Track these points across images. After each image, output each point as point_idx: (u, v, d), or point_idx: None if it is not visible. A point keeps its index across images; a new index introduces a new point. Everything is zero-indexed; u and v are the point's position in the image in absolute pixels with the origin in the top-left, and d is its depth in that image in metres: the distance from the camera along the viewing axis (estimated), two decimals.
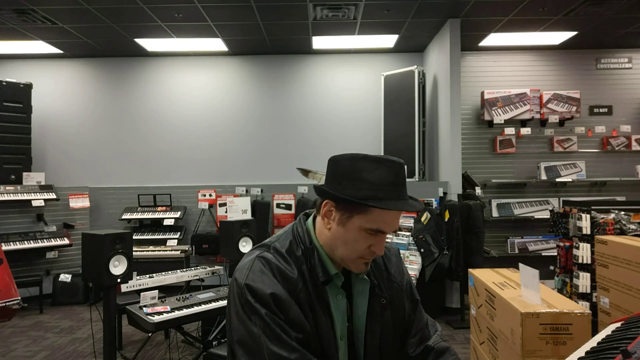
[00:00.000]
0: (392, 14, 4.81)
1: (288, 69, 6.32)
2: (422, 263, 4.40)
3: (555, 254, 4.01)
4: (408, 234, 4.62)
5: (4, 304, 3.01)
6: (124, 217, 5.58)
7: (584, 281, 3.48)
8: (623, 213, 3.46)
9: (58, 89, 6.25)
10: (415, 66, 5.46)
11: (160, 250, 5.24)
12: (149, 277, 3.38)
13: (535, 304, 1.87)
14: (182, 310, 2.85)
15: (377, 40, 5.74)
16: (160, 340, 4.10)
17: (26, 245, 5.00)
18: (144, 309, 2.78)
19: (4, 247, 4.63)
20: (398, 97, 5.59)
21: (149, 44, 5.74)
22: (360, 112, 6.28)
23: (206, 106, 6.31)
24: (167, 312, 2.78)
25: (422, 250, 4.44)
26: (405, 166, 1.15)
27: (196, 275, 3.66)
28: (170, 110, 6.31)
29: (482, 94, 5.82)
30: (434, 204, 4.78)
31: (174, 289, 4.04)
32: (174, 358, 3.67)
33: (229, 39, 5.64)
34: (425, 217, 4.57)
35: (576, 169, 5.83)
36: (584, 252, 3.49)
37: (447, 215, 4.54)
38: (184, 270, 3.72)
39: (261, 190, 5.67)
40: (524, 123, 5.90)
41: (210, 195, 5.81)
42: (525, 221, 5.92)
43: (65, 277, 5.23)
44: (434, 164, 5.68)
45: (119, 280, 2.85)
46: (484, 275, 2.41)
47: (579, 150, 5.94)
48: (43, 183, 5.43)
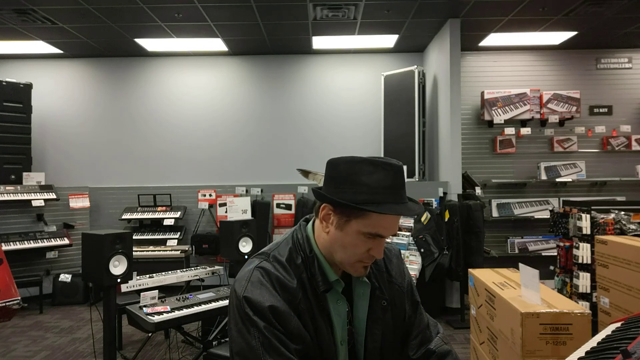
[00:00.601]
0: (392, 14, 4.81)
1: (288, 69, 6.32)
2: (422, 263, 4.40)
3: (555, 254, 4.01)
4: (408, 234, 4.62)
5: (4, 304, 3.01)
6: (124, 217, 5.58)
7: (584, 281, 3.49)
8: (623, 213, 3.46)
9: (58, 89, 6.25)
10: (415, 66, 5.46)
11: (160, 250, 5.24)
12: (149, 277, 3.38)
13: (535, 304, 1.87)
14: (182, 310, 2.85)
15: (377, 40, 5.74)
16: (160, 340, 4.10)
17: (26, 245, 5.00)
18: (144, 309, 2.78)
19: (4, 247, 4.64)
20: (398, 97, 5.59)
21: (149, 44, 5.74)
22: (360, 112, 6.28)
23: (206, 106, 6.31)
24: (167, 312, 2.78)
25: (422, 250, 4.44)
26: (404, 169, 1.14)
27: (196, 275, 3.66)
28: (170, 110, 6.31)
29: (482, 94, 5.82)
30: (434, 204, 4.78)
31: (174, 289, 4.04)
32: (174, 358, 3.67)
33: (229, 39, 5.64)
34: (425, 217, 4.57)
35: (576, 169, 5.83)
36: (584, 252, 3.49)
37: (447, 215, 4.54)
38: (184, 270, 3.72)
39: (261, 190, 5.67)
40: (524, 123, 5.90)
41: (210, 195, 5.81)
42: (525, 221, 5.92)
43: (65, 277, 5.23)
44: (434, 164, 5.68)
45: (119, 280, 2.85)
46: (484, 275, 2.41)
47: (579, 150, 5.94)
48: (43, 183, 5.43)
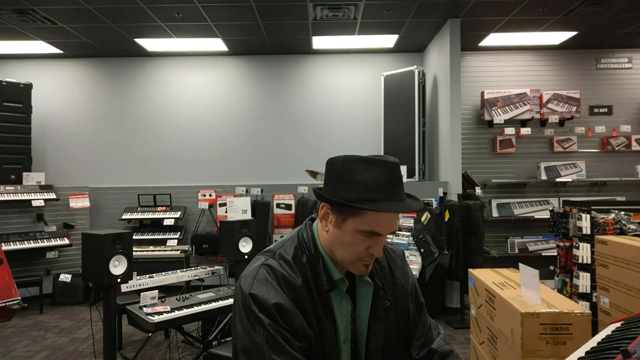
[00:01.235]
0: (392, 14, 4.81)
1: (288, 69, 6.32)
2: (422, 263, 4.41)
3: (555, 254, 4.01)
4: (408, 234, 4.63)
5: (4, 304, 3.01)
6: (124, 217, 5.58)
7: (584, 281, 3.49)
8: (623, 213, 3.46)
9: (58, 89, 6.25)
10: (415, 66, 5.46)
11: (160, 250, 5.24)
12: (149, 277, 3.38)
13: (535, 304, 1.87)
14: (182, 310, 2.85)
15: (377, 40, 5.74)
16: (160, 340, 4.10)
17: (26, 245, 5.00)
18: (144, 309, 2.77)
19: (4, 247, 4.64)
20: (398, 97, 5.59)
21: (149, 44, 5.74)
22: (360, 112, 6.28)
23: (206, 106, 6.31)
24: (167, 312, 2.78)
25: (422, 250, 4.44)
26: (399, 165, 1.13)
27: (196, 275, 3.66)
28: (170, 110, 6.31)
29: (482, 94, 5.82)
30: (434, 204, 4.78)
31: (174, 289, 4.04)
32: (174, 358, 3.67)
33: (229, 39, 5.64)
34: (425, 217, 4.57)
35: (576, 169, 5.83)
36: (584, 252, 3.49)
37: (447, 215, 4.54)
38: (184, 270, 3.72)
39: (261, 190, 5.67)
40: (524, 123, 5.90)
41: (210, 195, 5.81)
42: (525, 221, 5.92)
43: (65, 277, 5.23)
44: (434, 164, 5.68)
45: (119, 280, 2.85)
46: (484, 275, 2.41)
47: (579, 150, 5.94)
48: (43, 183, 5.43)
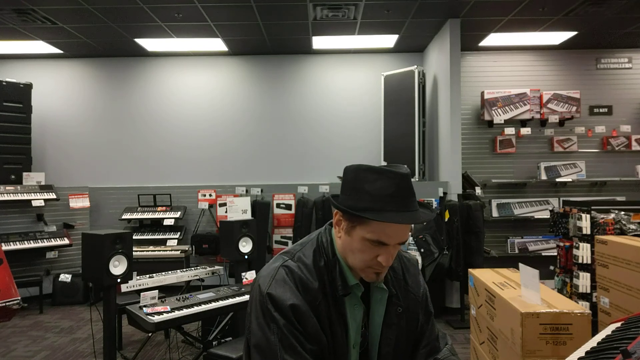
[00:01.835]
0: (392, 14, 4.81)
1: (288, 69, 6.32)
2: (422, 263, 4.41)
3: (555, 254, 4.01)
4: (408, 233, 4.62)
5: (4, 304, 3.01)
6: (124, 217, 5.58)
7: (584, 281, 3.49)
8: (623, 213, 3.46)
9: (58, 89, 6.25)
10: (415, 66, 5.45)
11: (160, 250, 5.23)
12: (149, 277, 3.38)
13: (535, 304, 1.87)
14: (182, 310, 2.85)
15: (377, 40, 5.74)
16: (160, 340, 4.10)
17: (26, 245, 5.00)
18: (144, 309, 2.77)
19: (4, 247, 4.63)
20: (398, 97, 5.59)
21: (149, 44, 5.74)
22: (360, 112, 6.28)
23: (206, 106, 6.31)
24: (167, 312, 2.78)
25: (422, 250, 4.44)
26: (410, 176, 1.14)
27: (196, 275, 3.66)
28: (170, 110, 6.31)
29: (482, 94, 5.82)
30: (434, 204, 4.78)
31: (174, 289, 4.04)
32: (174, 358, 3.67)
33: (229, 39, 5.64)
34: None
35: (576, 169, 5.83)
36: (584, 252, 3.49)
37: (447, 215, 4.54)
38: (184, 270, 3.72)
39: (261, 190, 5.67)
40: (524, 123, 5.90)
41: (210, 195, 5.81)
42: (525, 221, 5.91)
43: (65, 277, 5.23)
44: (434, 164, 5.68)
45: (119, 280, 2.85)
46: (484, 275, 2.41)
47: (579, 150, 5.94)
48: (43, 183, 5.43)
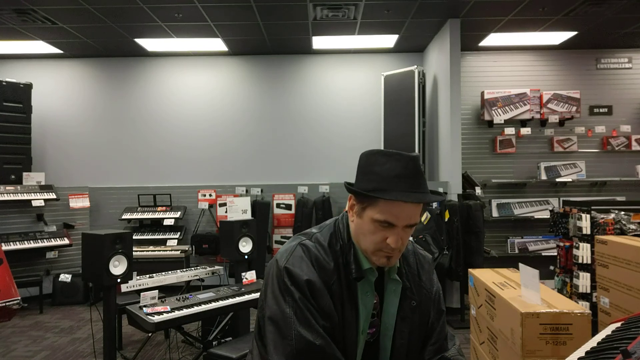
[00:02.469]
0: (392, 14, 4.81)
1: (288, 69, 6.32)
2: None
3: (555, 254, 4.01)
4: None
5: (4, 304, 3.01)
6: (124, 217, 5.58)
7: (584, 281, 3.49)
8: (623, 213, 3.46)
9: (58, 89, 6.25)
10: (415, 66, 5.45)
11: (160, 250, 5.24)
12: (149, 277, 3.38)
13: (535, 304, 1.87)
14: (182, 310, 2.85)
15: (377, 40, 5.74)
16: (160, 340, 4.10)
17: (26, 245, 5.00)
18: (144, 309, 2.77)
19: (4, 247, 4.63)
20: (398, 97, 5.59)
21: (149, 44, 5.74)
22: (360, 112, 6.28)
23: (206, 106, 6.31)
24: (167, 312, 2.78)
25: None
26: (418, 159, 1.18)
27: (196, 275, 3.66)
28: (170, 110, 6.31)
29: (482, 94, 5.82)
30: (434, 204, 4.78)
31: (174, 289, 4.04)
32: (174, 358, 3.67)
33: (229, 39, 5.64)
34: (425, 217, 4.57)
35: (576, 169, 5.83)
36: (584, 252, 3.49)
37: (447, 215, 4.54)
38: (184, 270, 3.72)
39: (261, 190, 5.68)
40: (524, 123, 5.90)
41: (210, 195, 5.81)
42: (525, 221, 5.91)
43: (65, 277, 5.23)
44: (434, 164, 5.68)
45: (119, 280, 2.85)
46: (484, 275, 2.41)
47: (579, 150, 5.94)
48: (43, 183, 5.43)
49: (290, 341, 1.10)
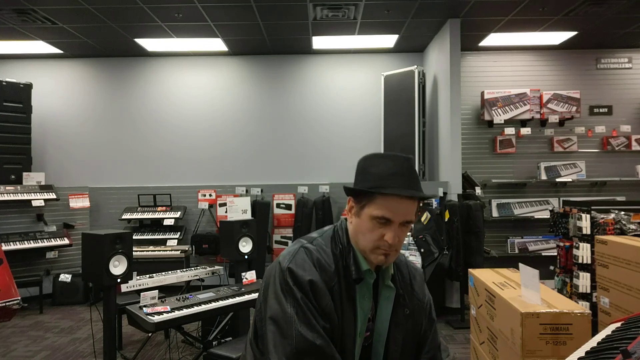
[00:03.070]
0: (392, 14, 4.81)
1: (288, 69, 6.32)
2: (422, 263, 4.40)
3: (555, 254, 4.01)
4: (408, 233, 4.62)
5: (4, 304, 3.01)
6: (124, 217, 5.58)
7: (584, 281, 3.49)
8: (623, 213, 3.46)
9: (58, 89, 6.25)
10: (415, 66, 5.45)
11: (160, 250, 5.23)
12: (149, 277, 3.38)
13: (535, 304, 1.87)
14: (182, 310, 2.85)
15: (377, 40, 5.74)
16: (160, 340, 4.10)
17: (26, 245, 5.00)
18: (144, 309, 2.77)
19: (4, 247, 4.63)
20: (398, 97, 5.59)
21: (149, 44, 5.74)
22: (360, 112, 6.28)
23: (206, 106, 6.31)
24: (167, 312, 2.78)
25: (422, 250, 4.44)
26: (412, 159, 1.25)
27: (196, 275, 3.66)
28: (170, 110, 6.31)
29: (482, 94, 5.82)
30: (434, 204, 4.78)
31: (174, 289, 4.04)
32: (174, 358, 3.67)
33: (229, 39, 5.64)
34: (425, 217, 4.57)
35: (576, 169, 5.83)
36: (584, 252, 3.49)
37: (447, 215, 4.54)
38: (184, 270, 3.72)
39: (261, 190, 5.67)
40: (524, 123, 5.90)
41: (210, 195, 5.81)
42: (525, 221, 5.92)
43: (65, 277, 5.22)
44: (434, 164, 5.68)
45: (119, 280, 2.85)
46: (484, 275, 2.41)
47: (579, 150, 5.94)
48: (43, 183, 5.43)
49: (290, 340, 1.11)
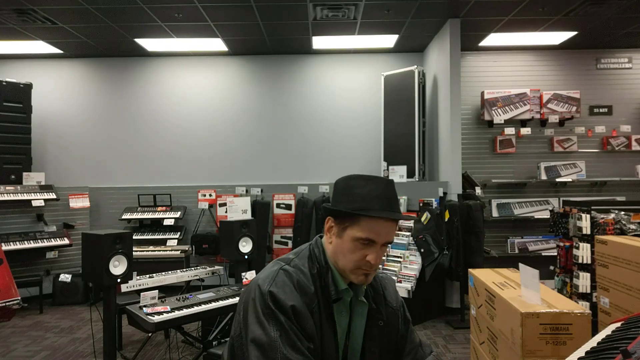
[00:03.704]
0: (392, 14, 4.81)
1: (288, 69, 6.32)
2: (422, 263, 4.41)
3: (555, 254, 4.01)
4: (408, 234, 4.63)
5: (4, 304, 3.01)
6: (124, 217, 5.58)
7: (584, 281, 3.49)
8: (623, 213, 3.46)
9: (58, 89, 6.25)
10: (415, 66, 5.46)
11: (160, 250, 5.24)
12: (149, 277, 3.38)
13: (535, 304, 1.87)
14: (182, 310, 2.85)
15: (377, 40, 5.74)
16: (160, 340, 4.10)
17: (26, 245, 5.00)
18: (144, 309, 2.77)
19: (4, 247, 4.64)
20: (398, 97, 5.59)
21: (149, 44, 5.74)
22: (360, 112, 6.28)
23: (206, 106, 6.31)
24: (167, 312, 2.78)
25: (422, 250, 4.44)
26: (394, 183, 1.27)
27: (196, 275, 3.66)
28: (170, 110, 6.31)
29: (482, 94, 5.82)
30: (434, 204, 4.78)
31: (174, 289, 4.04)
32: (174, 358, 3.67)
33: (229, 39, 5.64)
34: (425, 217, 4.57)
35: (576, 169, 5.83)
36: (584, 252, 3.49)
37: (447, 215, 4.54)
38: (184, 270, 3.72)
39: (261, 190, 5.67)
40: (524, 123, 5.90)
41: (210, 195, 5.81)
42: (525, 221, 5.92)
43: (65, 277, 5.20)
44: (434, 164, 5.68)
45: (119, 280, 2.85)
46: (484, 275, 2.41)
47: (579, 150, 5.94)
48: (43, 183, 5.43)
49: None
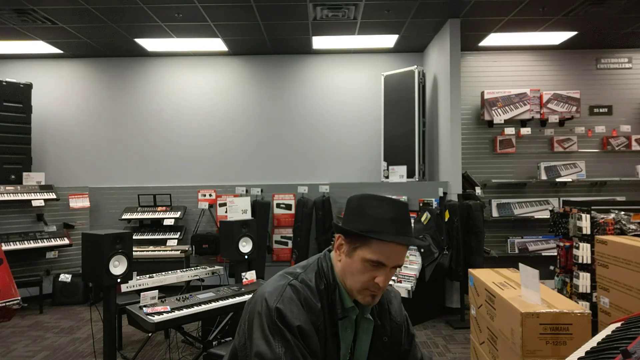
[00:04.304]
0: (392, 14, 4.81)
1: (288, 69, 6.32)
2: (422, 263, 4.40)
3: (555, 254, 4.01)
4: None
5: (4, 304, 3.01)
6: (124, 217, 5.57)
7: (584, 281, 3.49)
8: (623, 213, 3.46)
9: (58, 89, 6.25)
10: (415, 66, 5.46)
11: (160, 250, 5.23)
12: (149, 277, 3.38)
13: (535, 304, 1.87)
14: (182, 310, 2.85)
15: (377, 40, 5.74)
16: (160, 340, 4.10)
17: (26, 245, 5.00)
18: (144, 309, 2.77)
19: (4, 247, 4.63)
20: (398, 97, 5.59)
21: (149, 44, 5.74)
22: (360, 112, 6.28)
23: (206, 106, 6.31)
24: (167, 312, 2.78)
25: (422, 250, 4.44)
26: (407, 206, 1.26)
27: (196, 275, 3.66)
28: (170, 110, 6.31)
29: (482, 94, 5.82)
30: (434, 204, 4.78)
31: (174, 289, 4.04)
32: (174, 358, 3.67)
33: (229, 39, 5.64)
34: (425, 217, 4.57)
35: (576, 169, 5.83)
36: (584, 252, 3.49)
37: (447, 215, 4.54)
38: (184, 270, 3.72)
39: (261, 190, 5.67)
40: (524, 123, 5.90)
41: (210, 195, 5.81)
42: (525, 221, 5.91)
43: (65, 277, 5.23)
44: (434, 164, 5.68)
45: (119, 280, 2.85)
46: (484, 275, 2.41)
47: (579, 150, 5.94)
48: (43, 183, 5.42)
49: None
